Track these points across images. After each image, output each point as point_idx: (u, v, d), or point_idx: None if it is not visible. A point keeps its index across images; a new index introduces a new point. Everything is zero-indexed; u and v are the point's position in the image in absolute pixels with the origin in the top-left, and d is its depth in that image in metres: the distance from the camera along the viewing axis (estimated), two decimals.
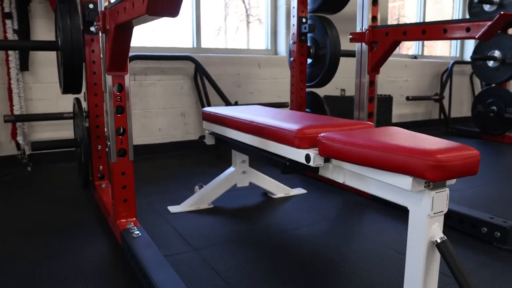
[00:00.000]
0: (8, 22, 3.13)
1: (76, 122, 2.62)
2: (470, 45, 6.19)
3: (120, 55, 1.75)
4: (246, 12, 5.05)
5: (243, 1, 5.08)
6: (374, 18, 2.54)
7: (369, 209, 2.41)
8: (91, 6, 2.38)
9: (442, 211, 1.22)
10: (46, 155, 3.40)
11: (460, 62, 5.84)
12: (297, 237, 2.02)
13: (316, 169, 1.54)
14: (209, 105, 3.81)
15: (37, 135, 3.39)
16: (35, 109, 3.35)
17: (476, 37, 1.91)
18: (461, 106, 6.11)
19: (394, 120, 5.04)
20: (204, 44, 4.16)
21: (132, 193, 1.93)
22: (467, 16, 6.23)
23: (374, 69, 2.56)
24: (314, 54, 3.17)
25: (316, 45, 3.15)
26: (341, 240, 1.98)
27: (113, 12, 1.59)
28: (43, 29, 3.30)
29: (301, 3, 3.05)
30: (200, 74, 3.79)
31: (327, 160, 1.52)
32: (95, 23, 1.89)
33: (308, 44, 3.14)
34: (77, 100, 2.56)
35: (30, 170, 3.28)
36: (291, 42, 3.13)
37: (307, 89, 3.22)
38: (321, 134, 1.49)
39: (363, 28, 2.55)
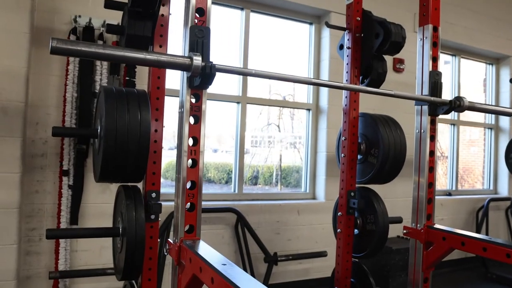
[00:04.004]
0: (64, 178, 3.26)
1: None
2: (504, 179, 6.19)
3: None
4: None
5: (278, 126, 5.30)
6: (429, 216, 2.56)
7: None
8: (153, 195, 2.47)
9: None
10: None
11: (496, 199, 5.81)
12: None
13: None
14: (248, 254, 3.79)
15: (77, 286, 3.38)
16: (79, 261, 3.37)
17: None
18: None
19: None
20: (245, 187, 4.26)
21: None
22: (501, 155, 6.28)
23: (429, 267, 2.53)
24: (361, 226, 3.17)
25: (364, 217, 3.16)
26: None
27: (194, 261, 1.63)
28: (95, 183, 3.41)
29: (350, 177, 3.11)
30: (242, 225, 3.82)
31: None
32: (166, 245, 1.94)
33: (355, 215, 3.16)
34: (130, 283, 2.56)
35: None
36: (338, 214, 3.15)
37: (353, 259, 3.19)
38: None
39: (418, 225, 2.56)
